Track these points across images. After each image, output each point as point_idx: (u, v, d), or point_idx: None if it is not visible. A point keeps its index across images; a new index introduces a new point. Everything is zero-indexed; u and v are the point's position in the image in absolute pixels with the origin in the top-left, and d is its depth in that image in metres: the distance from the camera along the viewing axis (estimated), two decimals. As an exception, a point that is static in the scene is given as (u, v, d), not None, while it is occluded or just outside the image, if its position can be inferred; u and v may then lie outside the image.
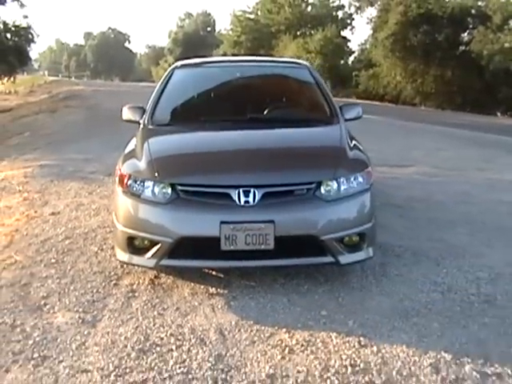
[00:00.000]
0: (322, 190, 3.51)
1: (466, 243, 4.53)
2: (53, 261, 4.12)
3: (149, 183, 3.53)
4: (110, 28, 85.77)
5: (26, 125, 14.39)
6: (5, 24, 21.75)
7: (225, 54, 48.92)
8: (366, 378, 2.68)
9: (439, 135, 12.84)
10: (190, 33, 60.59)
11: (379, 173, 7.10)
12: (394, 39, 30.38)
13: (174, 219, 3.42)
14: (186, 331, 3.10)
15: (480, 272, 3.93)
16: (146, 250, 3.51)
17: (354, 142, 4.10)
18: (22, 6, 21.98)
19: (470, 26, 30.22)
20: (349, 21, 45.29)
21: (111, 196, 5.85)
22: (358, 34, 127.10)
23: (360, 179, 3.64)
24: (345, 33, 43.76)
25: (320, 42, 37.57)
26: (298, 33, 43.54)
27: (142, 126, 4.31)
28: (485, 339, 3.06)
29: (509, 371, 2.75)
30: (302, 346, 2.97)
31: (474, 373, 2.73)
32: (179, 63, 5.17)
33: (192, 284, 3.70)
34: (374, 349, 2.93)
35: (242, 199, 3.39)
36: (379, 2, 38.09)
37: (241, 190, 3.39)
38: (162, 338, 3.03)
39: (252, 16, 47.54)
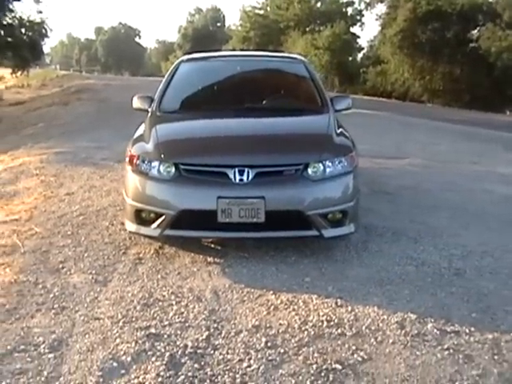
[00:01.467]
0: (309, 171, 3.94)
1: (445, 225, 4.94)
2: (69, 233, 4.58)
3: (155, 163, 3.98)
4: (120, 23, 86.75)
5: (40, 116, 14.84)
6: (20, 19, 22.27)
7: (233, 49, 49.33)
8: (339, 331, 3.10)
9: (440, 130, 13.20)
10: (200, 28, 61.11)
11: (375, 164, 7.55)
12: (402, 36, 30.57)
13: (177, 194, 3.88)
14: (185, 291, 3.55)
15: (454, 249, 4.33)
16: (151, 221, 3.96)
17: (341, 129, 4.52)
18: (37, 1, 22.50)
19: (480, 23, 30.39)
20: (358, 17, 45.41)
21: (121, 180, 6.33)
22: (368, 31, 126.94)
23: (344, 162, 4.06)
24: (354, 29, 44.02)
25: (328, 39, 37.79)
26: (307, 29, 43.81)
27: (150, 113, 4.76)
28: (449, 305, 3.46)
29: (466, 330, 3.15)
30: (286, 304, 3.40)
31: (435, 330, 3.13)
32: (185, 57, 5.63)
33: (192, 254, 4.14)
34: (349, 308, 3.35)
35: (237, 177, 3.83)
36: None
37: (236, 170, 3.84)
38: (163, 296, 3.47)
39: (261, 12, 47.87)
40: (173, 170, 3.92)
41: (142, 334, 2.99)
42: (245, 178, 3.83)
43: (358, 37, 44.97)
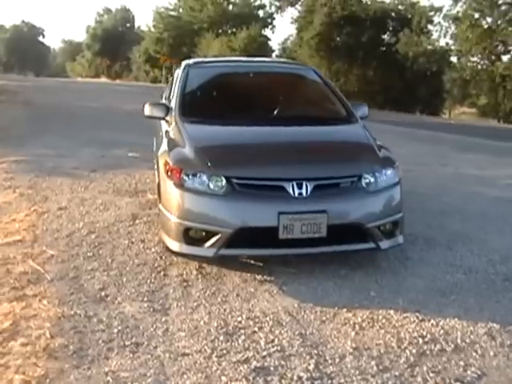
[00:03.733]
0: (363, 182, 3.83)
1: (464, 230, 5.00)
2: (89, 254, 4.14)
3: (202, 176, 3.69)
4: (23, 21, 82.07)
5: (-41, 121, 13.59)
6: None
7: (147, 50, 48.42)
8: (438, 346, 3.01)
9: (384, 133, 13.55)
10: (109, 28, 59.20)
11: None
12: (319, 39, 31.54)
13: (234, 211, 3.61)
14: (258, 315, 3.30)
15: (490, 255, 4.39)
16: (202, 240, 3.66)
17: (376, 140, 4.44)
18: None
19: (390, 29, 32.01)
20: (269, 20, 46.30)
21: (110, 191, 5.90)
22: (278, 33, 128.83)
23: (391, 173, 4.00)
24: (265, 32, 44.75)
25: (244, 41, 38.16)
26: (220, 31, 43.98)
27: (173, 122, 4.39)
28: (519, 310, 3.47)
29: (549, 334, 3.17)
30: (369, 323, 3.26)
31: (523, 337, 3.13)
32: (191, 61, 5.36)
33: (238, 273, 3.88)
34: (433, 322, 3.27)
35: (296, 191, 3.63)
36: (300, 2, 39.60)
37: (294, 183, 3.64)
38: (240, 322, 3.20)
39: (174, 13, 47.39)
40: (224, 183, 3.65)
41: (247, 369, 2.72)
42: (304, 191, 3.64)
43: (269, 39, 45.89)
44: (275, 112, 4.60)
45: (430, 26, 29.28)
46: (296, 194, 3.63)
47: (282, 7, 43.69)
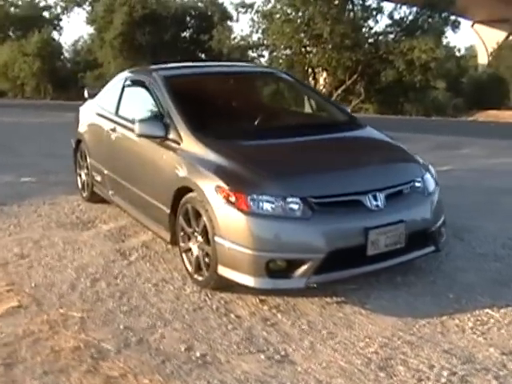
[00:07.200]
0: (417, 187, 3.78)
1: (449, 219, 5.07)
2: (125, 308, 3.40)
3: (273, 199, 3.26)
4: None
5: None
6: None
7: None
8: (556, 337, 3.11)
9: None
10: None
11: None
12: (122, 39, 30.74)
13: (322, 233, 3.25)
14: (383, 340, 3.04)
15: (498, 240, 4.59)
16: (288, 271, 3.26)
17: None
18: None
19: (189, 25, 32.60)
20: (56, 22, 43.94)
21: (54, 226, 4.99)
22: (66, 36, 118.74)
23: (430, 176, 3.99)
24: (53, 34, 42.20)
25: (37, 45, 35.72)
26: (5, 35, 40.47)
27: (188, 141, 3.76)
28: None
29: None
30: (482, 325, 3.22)
31: None
32: (154, 67, 4.73)
33: (304, 299, 3.52)
34: (530, 314, 3.37)
35: (373, 204, 3.43)
36: (87, 2, 38.33)
37: (370, 195, 3.43)
38: (376, 352, 2.91)
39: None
40: (301, 205, 3.27)
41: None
42: (379, 203, 3.44)
43: (62, 42, 43.63)
44: (290, 121, 4.27)
45: (230, 23, 30.28)
46: (373, 207, 3.42)
47: (68, 8, 41.92)
